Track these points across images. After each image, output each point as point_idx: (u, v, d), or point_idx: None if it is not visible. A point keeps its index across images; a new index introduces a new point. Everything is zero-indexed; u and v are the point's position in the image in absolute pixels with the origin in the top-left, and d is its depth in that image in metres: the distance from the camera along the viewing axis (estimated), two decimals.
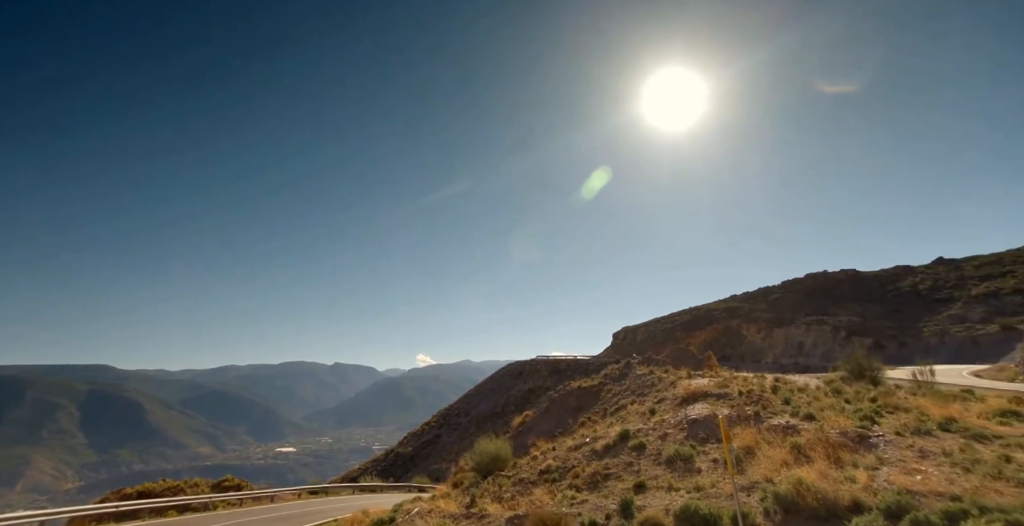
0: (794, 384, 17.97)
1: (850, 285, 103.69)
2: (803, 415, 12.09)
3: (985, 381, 33.17)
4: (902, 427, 10.61)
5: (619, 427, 14.87)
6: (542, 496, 11.38)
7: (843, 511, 6.49)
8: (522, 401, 60.91)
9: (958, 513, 5.79)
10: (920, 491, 6.92)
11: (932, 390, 15.81)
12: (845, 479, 7.51)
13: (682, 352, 44.84)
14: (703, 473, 10.02)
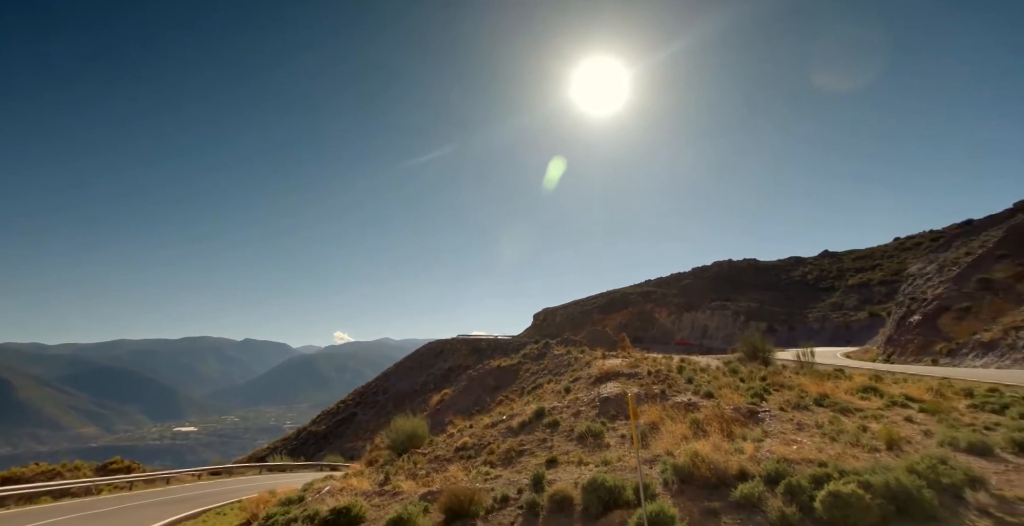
0: (697, 365, 19.35)
1: (751, 273, 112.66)
2: (703, 393, 13.08)
3: (854, 361, 37.58)
4: (785, 403, 11.79)
5: (535, 405, 15.33)
6: (457, 473, 11.54)
7: (731, 479, 7.14)
8: (442, 380, 61.08)
9: (823, 477, 6.56)
10: (795, 459, 7.75)
11: (811, 370, 17.67)
12: (735, 451, 8.25)
13: (598, 333, 46.80)
14: (611, 448, 10.60)
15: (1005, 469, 7.42)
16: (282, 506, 11.39)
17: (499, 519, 7.74)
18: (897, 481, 6.05)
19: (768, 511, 6.15)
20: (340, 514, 8.85)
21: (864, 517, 5.64)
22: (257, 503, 13.11)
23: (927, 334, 38.59)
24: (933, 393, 13.21)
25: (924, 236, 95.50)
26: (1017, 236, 39.92)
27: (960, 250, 48.60)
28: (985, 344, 31.43)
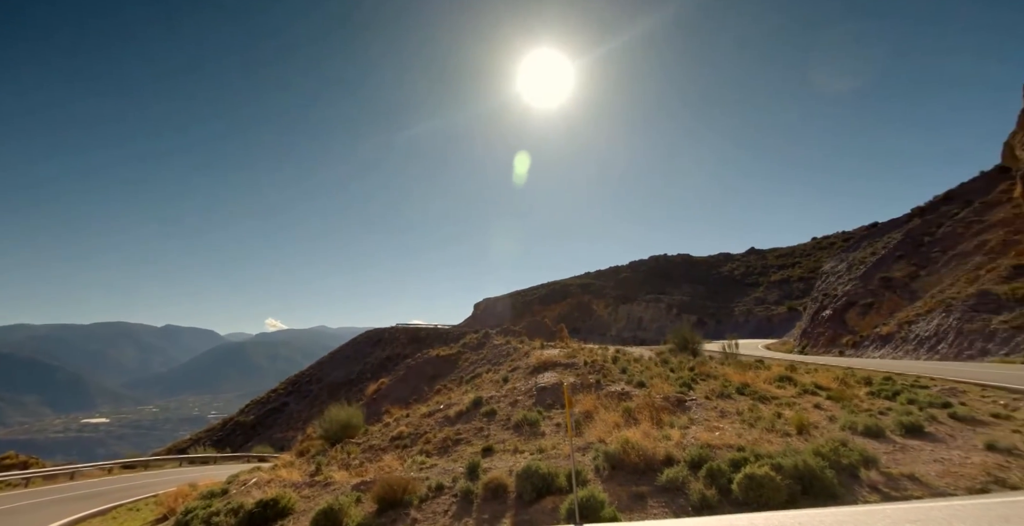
0: (631, 355, 20.07)
1: (684, 268, 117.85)
2: (636, 383, 13.60)
3: (773, 353, 40.31)
4: (711, 392, 12.47)
5: (473, 394, 15.40)
6: (392, 462, 11.44)
7: (659, 465, 7.49)
8: (379, 369, 60.03)
9: (741, 460, 7.02)
10: (717, 445, 8.24)
11: (735, 361, 18.79)
12: (663, 438, 8.66)
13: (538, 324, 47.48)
14: (547, 436, 10.83)
15: (893, 449, 8.23)
16: (204, 499, 10.86)
17: (433, 507, 7.75)
18: (804, 463, 6.57)
19: (690, 494, 6.51)
20: (267, 506, 8.57)
21: (775, 496, 6.09)
22: (176, 497, 12.44)
23: (836, 327, 41.95)
24: (838, 382, 14.40)
25: (837, 236, 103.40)
26: (913, 239, 44.03)
27: (867, 250, 53.01)
28: (883, 337, 34.54)
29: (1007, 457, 7.81)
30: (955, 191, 47.77)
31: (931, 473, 7.14)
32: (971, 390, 13.87)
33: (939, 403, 11.37)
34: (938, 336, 28.79)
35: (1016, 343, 23.37)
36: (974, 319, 27.03)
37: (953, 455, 7.92)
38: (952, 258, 37.37)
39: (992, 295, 27.70)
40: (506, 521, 6.82)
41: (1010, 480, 6.84)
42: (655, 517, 6.16)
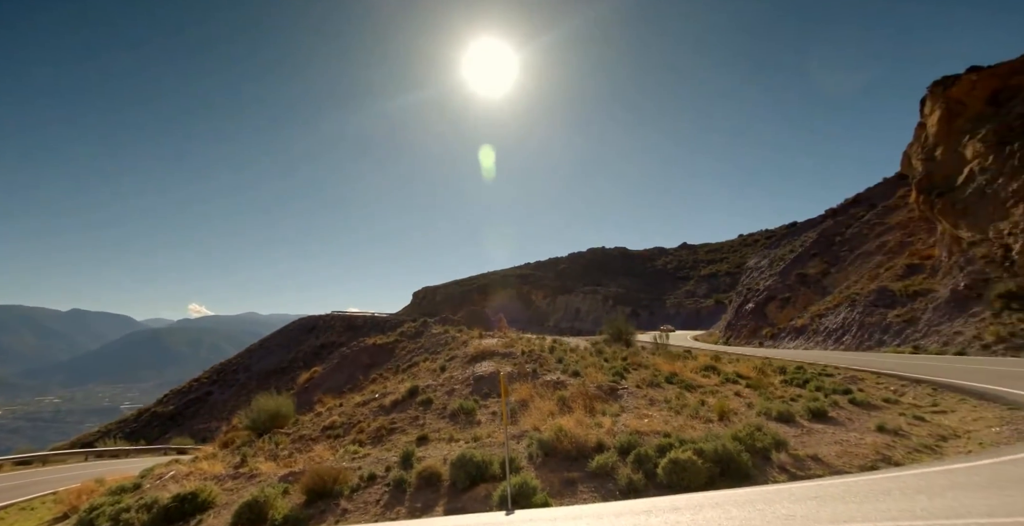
0: (568, 345, 20.54)
1: (621, 261, 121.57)
2: (571, 372, 13.94)
3: (701, 343, 42.56)
4: (641, 381, 13.00)
5: (409, 383, 15.25)
6: (323, 452, 11.16)
7: (590, 451, 7.75)
8: (312, 357, 58.15)
9: (667, 446, 7.39)
10: (646, 431, 8.62)
11: (665, 351, 19.65)
12: (594, 425, 8.95)
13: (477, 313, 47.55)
14: (482, 425, 10.92)
15: (801, 433, 8.94)
16: (112, 495, 10.14)
17: (364, 497, 7.64)
18: (723, 447, 7.00)
19: (619, 479, 6.78)
20: (184, 500, 8.12)
21: (696, 479, 6.46)
22: (78, 494, 11.53)
23: (758, 320, 44.82)
24: (757, 371, 15.41)
25: (761, 234, 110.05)
26: (826, 238, 47.64)
27: (786, 248, 56.83)
28: (798, 329, 37.27)
29: (893, 437, 8.68)
30: (862, 195, 51.97)
31: (831, 454, 7.81)
32: (868, 378, 15.27)
33: (841, 390, 12.44)
34: (843, 328, 31.41)
35: (906, 335, 25.90)
36: (873, 313, 29.69)
37: (850, 437, 8.70)
38: (858, 257, 40.76)
39: (889, 291, 30.50)
40: (438, 509, 6.83)
41: (894, 457, 7.61)
42: (584, 502, 6.38)
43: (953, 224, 28.93)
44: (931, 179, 32.45)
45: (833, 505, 4.26)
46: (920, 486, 4.84)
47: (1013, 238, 24.12)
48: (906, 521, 3.38)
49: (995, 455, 6.57)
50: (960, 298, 24.77)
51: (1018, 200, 24.53)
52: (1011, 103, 29.29)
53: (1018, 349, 18.99)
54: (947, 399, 11.76)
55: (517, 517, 5.42)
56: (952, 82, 33.17)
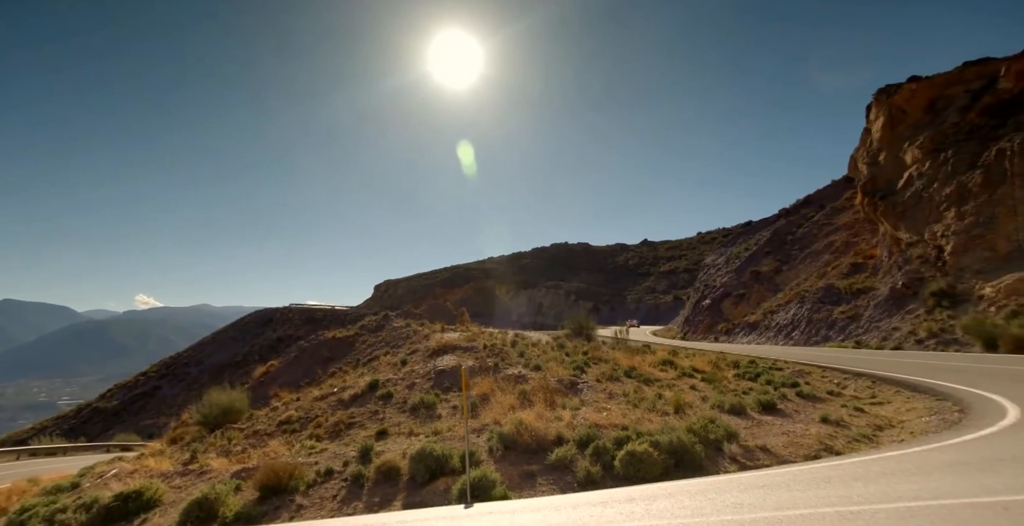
0: (529, 340, 20.68)
1: (583, 256, 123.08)
2: (533, 366, 14.06)
3: (659, 338, 43.63)
4: (601, 375, 13.23)
5: (369, 377, 15.07)
6: (278, 447, 10.92)
7: (550, 445, 7.85)
8: (269, 350, 56.54)
9: (624, 439, 7.56)
10: (604, 424, 8.79)
11: (625, 346, 20.06)
12: (555, 418, 9.07)
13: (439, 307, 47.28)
14: (443, 419, 10.90)
15: (751, 424, 9.31)
16: (47, 495, 9.61)
17: (321, 493, 7.52)
18: (678, 439, 7.22)
19: (577, 471, 6.90)
20: (128, 499, 7.79)
21: (651, 470, 6.64)
22: (8, 495, 10.88)
23: (714, 316, 46.29)
24: (712, 365, 15.93)
25: (719, 232, 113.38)
26: (778, 237, 49.61)
27: (741, 246, 58.83)
28: (751, 324, 38.70)
29: (835, 428, 9.15)
30: (813, 196, 54.31)
31: (779, 444, 8.17)
32: (815, 371, 16.02)
33: (790, 383, 13.01)
34: (793, 324, 32.83)
35: (850, 330, 27.30)
36: (821, 310, 31.14)
37: (796, 428, 9.13)
38: (807, 255, 42.62)
39: (835, 289, 32.04)
40: (397, 503, 6.79)
41: (836, 447, 8.03)
42: (543, 494, 6.46)
43: (893, 226, 30.60)
44: (875, 182, 34.20)
45: (778, 493, 4.47)
46: (857, 474, 5.13)
47: (945, 240, 25.72)
48: (843, 506, 3.58)
49: (923, 443, 7.02)
50: (898, 296, 26.26)
51: (950, 204, 26.16)
52: (945, 112, 31.14)
53: (947, 344, 20.31)
54: (884, 391, 12.47)
55: (476, 510, 5.45)
56: (895, 90, 34.98)
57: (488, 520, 4.70)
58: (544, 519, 4.45)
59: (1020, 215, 22.64)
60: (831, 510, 3.54)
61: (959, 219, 25.28)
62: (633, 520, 3.86)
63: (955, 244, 24.93)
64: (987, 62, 30.87)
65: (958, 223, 25.24)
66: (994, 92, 28.08)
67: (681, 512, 4.00)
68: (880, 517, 3.20)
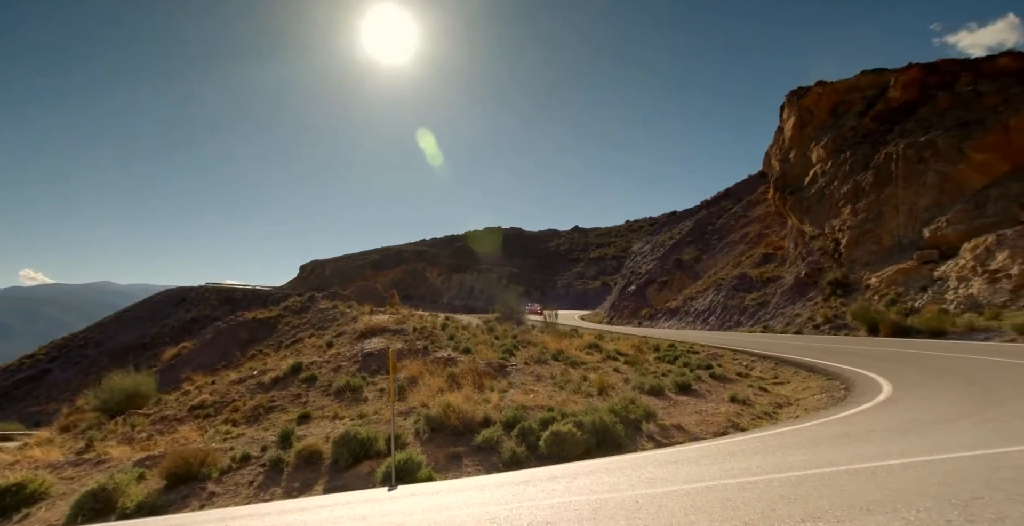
0: (460, 323, 20.69)
1: (516, 241, 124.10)
2: (462, 349, 14.10)
3: (587, 323, 45.04)
4: (529, 358, 13.50)
5: (292, 360, 14.52)
6: (190, 433, 10.34)
7: (477, 426, 7.93)
8: (182, 332, 52.87)
9: (549, 419, 7.79)
10: (531, 406, 9.00)
11: (553, 329, 20.56)
12: (482, 401, 9.17)
13: (369, 289, 46.12)
14: (369, 402, 10.72)
15: (668, 405, 9.89)
16: None
17: (236, 479, 7.21)
18: (601, 419, 7.54)
19: (503, 452, 7.04)
20: (6, 493, 7.07)
21: (574, 450, 6.90)
22: None
23: (638, 301, 48.38)
24: (635, 349, 16.70)
25: (646, 221, 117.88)
26: (700, 227, 52.46)
27: (666, 235, 61.62)
28: (672, 310, 40.82)
29: (742, 406, 9.92)
30: (732, 189, 57.66)
31: (692, 422, 8.74)
32: (727, 354, 17.22)
33: (704, 365, 13.90)
34: (710, 310, 35.00)
35: (759, 316, 29.52)
36: (734, 296, 33.39)
37: (708, 407, 9.80)
38: (725, 245, 45.42)
39: (748, 277, 34.43)
40: (318, 488, 6.64)
41: (741, 424, 8.71)
42: (469, 475, 6.55)
43: (799, 219, 33.21)
44: (785, 178, 36.84)
45: (688, 467, 4.80)
46: (758, 447, 5.60)
47: (841, 234, 28.30)
48: (744, 478, 3.89)
49: (815, 418, 7.77)
50: (801, 285, 28.65)
51: (847, 201, 28.74)
52: (846, 116, 33.98)
53: (839, 328, 22.48)
54: (785, 372, 13.64)
55: (399, 492, 5.43)
56: (804, 93, 37.64)
57: (411, 502, 4.69)
58: (468, 499, 4.51)
59: (902, 213, 25.27)
60: (733, 481, 3.84)
61: (853, 215, 27.84)
62: (554, 497, 4.00)
63: (849, 238, 27.48)
64: (881, 72, 33.86)
65: (852, 219, 27.80)
66: (885, 100, 30.88)
67: (600, 488, 4.19)
68: (774, 485, 3.51)
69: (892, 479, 3.43)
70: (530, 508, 3.60)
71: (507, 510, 3.59)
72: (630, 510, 3.21)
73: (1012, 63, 26.85)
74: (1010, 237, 18.94)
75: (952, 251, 21.40)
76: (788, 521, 2.65)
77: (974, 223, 21.42)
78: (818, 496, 3.12)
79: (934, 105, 27.53)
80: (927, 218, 23.92)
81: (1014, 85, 25.17)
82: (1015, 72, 26.26)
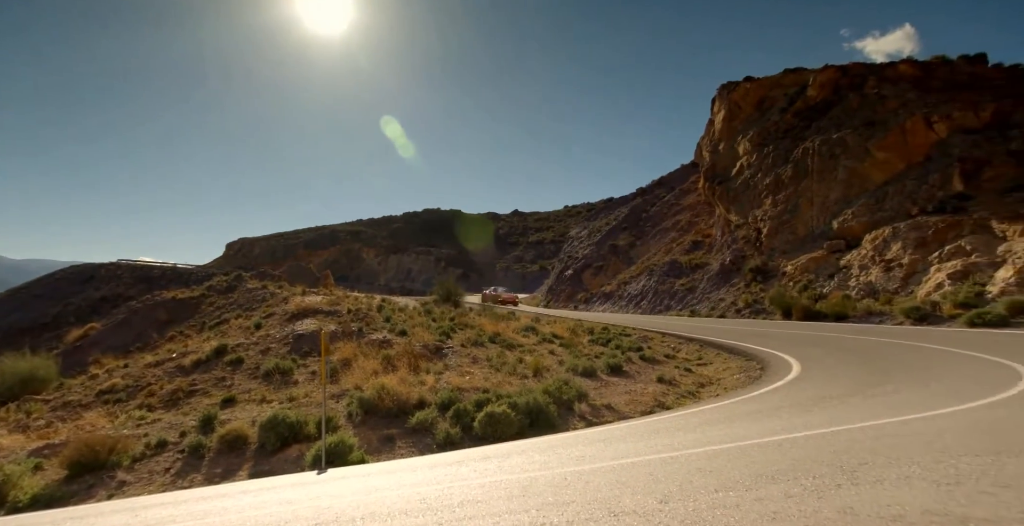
0: (397, 304, 20.37)
1: (455, 223, 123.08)
2: (398, 331, 13.90)
3: (524, 306, 45.65)
4: (466, 340, 13.53)
5: (217, 342, 13.80)
6: (98, 420, 9.64)
7: (411, 408, 7.89)
8: (89, 312, 48.63)
9: (484, 401, 7.87)
10: (467, 388, 9.06)
11: (491, 312, 20.68)
12: (418, 383, 9.12)
13: (301, 269, 44.36)
14: (300, 385, 10.39)
15: (600, 385, 10.26)
16: None
17: (151, 467, 6.82)
18: (535, 400, 7.70)
19: (437, 433, 7.05)
20: None
21: (508, 430, 7.02)
22: None
23: (575, 285, 49.52)
24: (570, 332, 17.13)
25: (584, 207, 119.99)
26: (635, 214, 54.20)
27: (603, 220, 63.17)
28: (607, 294, 42.12)
29: (668, 386, 10.46)
30: (665, 177, 59.77)
31: (622, 402, 9.12)
32: (656, 337, 18.03)
33: (635, 347, 14.49)
34: (642, 294, 36.42)
35: (687, 301, 31.08)
36: (665, 282, 34.92)
37: (637, 387, 10.26)
38: (658, 232, 47.22)
39: (678, 264, 36.07)
40: (242, 473, 6.40)
41: (667, 403, 9.20)
42: (402, 457, 6.52)
43: (726, 209, 35.06)
44: (714, 169, 38.67)
45: (616, 445, 5.02)
46: (680, 424, 5.94)
47: (763, 223, 30.19)
48: (667, 453, 4.13)
49: (733, 397, 8.33)
50: (726, 271, 30.38)
51: (768, 193, 30.63)
52: (770, 111, 35.97)
53: (758, 313, 24.10)
54: (708, 354, 14.48)
55: (329, 475, 5.33)
56: (734, 87, 39.42)
57: (341, 484, 4.62)
58: (399, 480, 4.49)
59: (816, 205, 27.28)
60: (657, 457, 4.05)
61: (774, 206, 29.74)
62: (486, 476, 4.06)
63: (769, 227, 29.37)
64: (801, 71, 35.96)
65: (773, 209, 29.70)
66: (804, 98, 32.93)
67: (531, 467, 4.30)
68: (693, 459, 3.74)
69: (795, 450, 3.75)
70: (461, 488, 3.64)
71: (438, 490, 3.61)
72: (558, 486, 3.32)
73: (910, 70, 29.28)
74: (903, 230, 20.94)
75: (856, 241, 23.40)
76: (703, 491, 2.83)
77: (875, 216, 23.47)
78: (731, 467, 3.35)
79: (846, 105, 29.63)
80: (836, 210, 25.96)
81: (911, 90, 27.50)
82: (912, 78, 28.67)
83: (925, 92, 27.00)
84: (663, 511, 2.55)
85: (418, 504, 3.23)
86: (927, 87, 27.54)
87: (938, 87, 27.33)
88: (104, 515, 4.47)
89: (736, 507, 2.51)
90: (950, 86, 27.13)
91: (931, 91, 27.02)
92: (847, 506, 2.40)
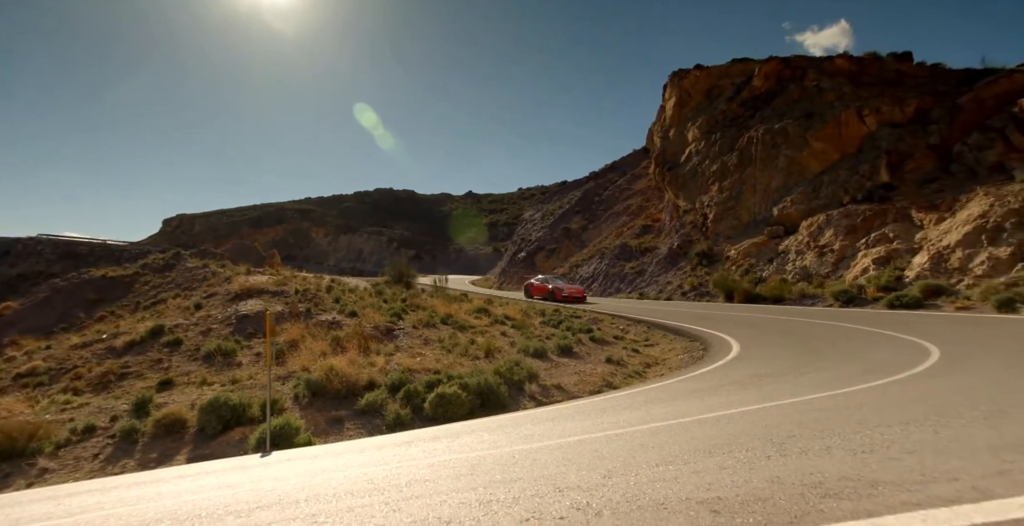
0: (347, 285, 19.90)
1: (408, 204, 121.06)
2: (348, 312, 13.62)
3: (477, 288, 45.65)
4: (418, 322, 13.42)
5: (152, 322, 13.11)
6: (14, 405, 8.99)
7: (360, 390, 7.79)
8: (5, 290, 44.97)
9: (435, 382, 7.87)
10: (418, 369, 9.02)
11: (444, 294, 20.56)
12: (368, 364, 9.00)
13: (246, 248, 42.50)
14: (243, 367, 10.04)
15: (550, 366, 10.46)
16: None
17: (77, 453, 6.47)
18: (486, 381, 7.76)
19: (387, 414, 7.01)
20: None
21: (458, 411, 7.06)
22: None
23: (528, 267, 49.88)
24: (522, 313, 17.29)
25: (537, 189, 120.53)
26: (587, 198, 54.93)
27: (556, 204, 63.67)
28: (559, 277, 42.63)
29: (616, 367, 10.79)
30: (618, 162, 60.70)
31: (571, 382, 9.34)
32: (606, 319, 18.49)
33: (585, 329, 14.80)
34: (594, 277, 37.14)
35: (636, 284, 31.96)
36: (616, 265, 35.71)
37: (587, 368, 10.52)
38: (610, 216, 48.09)
39: (628, 247, 36.92)
40: (180, 458, 6.16)
41: (614, 382, 9.49)
42: (350, 438, 6.45)
43: (675, 194, 36.04)
44: (665, 155, 39.54)
45: (564, 423, 5.15)
46: (627, 403, 6.15)
47: (709, 209, 31.29)
48: (612, 430, 4.27)
49: (676, 376, 8.69)
50: (674, 255, 31.37)
51: (715, 180, 31.69)
52: (718, 100, 37.00)
53: (703, 295, 25.11)
54: (655, 335, 14.99)
55: (273, 458, 5.21)
56: (684, 75, 40.18)
57: (286, 467, 4.53)
58: (346, 462, 4.45)
59: (759, 192, 28.47)
60: (602, 434, 4.18)
61: (719, 193, 30.82)
62: (435, 456, 4.08)
63: (715, 213, 30.47)
64: (748, 62, 37.04)
65: (718, 196, 30.78)
66: (750, 88, 34.03)
67: (480, 446, 4.35)
68: (637, 436, 3.89)
69: (731, 425, 3.96)
70: (409, 468, 3.64)
71: (386, 471, 3.60)
72: (506, 464, 3.38)
73: (846, 64, 30.69)
74: (835, 217, 22.23)
75: (794, 228, 24.66)
76: (645, 466, 2.95)
77: (811, 204, 24.76)
78: (672, 443, 3.51)
79: (788, 96, 30.80)
80: (777, 198, 27.19)
81: (847, 84, 28.89)
82: (847, 73, 30.08)
83: (858, 86, 28.41)
84: (606, 485, 2.64)
85: (365, 485, 3.21)
86: (860, 82, 28.97)
87: (869, 82, 28.79)
88: (22, 504, 4.21)
89: (675, 480, 2.63)
90: (880, 81, 28.64)
91: (863, 85, 28.46)
92: (775, 476, 2.56)
